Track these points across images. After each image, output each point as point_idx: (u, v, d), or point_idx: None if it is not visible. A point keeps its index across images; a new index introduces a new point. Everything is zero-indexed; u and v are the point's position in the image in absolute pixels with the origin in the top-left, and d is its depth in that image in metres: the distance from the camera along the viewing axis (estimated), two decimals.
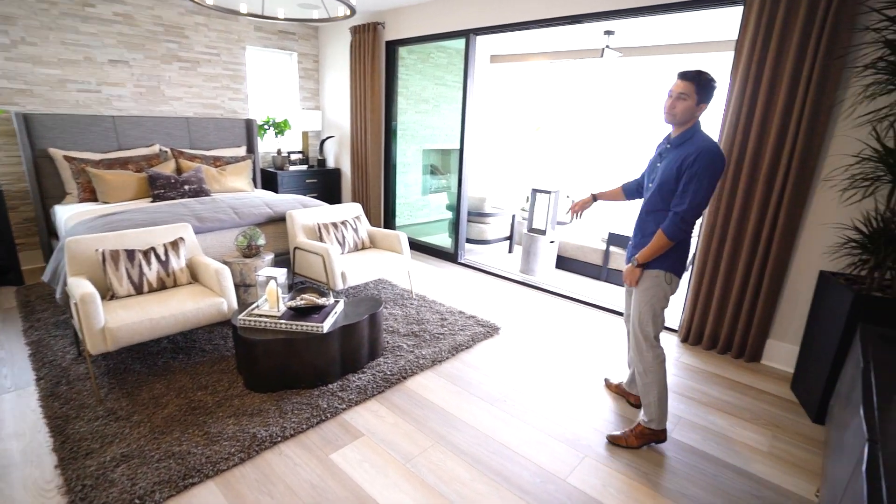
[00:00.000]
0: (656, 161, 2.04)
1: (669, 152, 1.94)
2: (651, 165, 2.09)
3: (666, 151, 1.97)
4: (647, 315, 2.01)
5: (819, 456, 2.10)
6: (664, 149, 2.00)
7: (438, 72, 6.34)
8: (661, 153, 2.00)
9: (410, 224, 6.54)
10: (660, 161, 2.00)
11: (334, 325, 2.47)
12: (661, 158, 2.00)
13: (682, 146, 1.88)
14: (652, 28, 4.55)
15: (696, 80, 1.81)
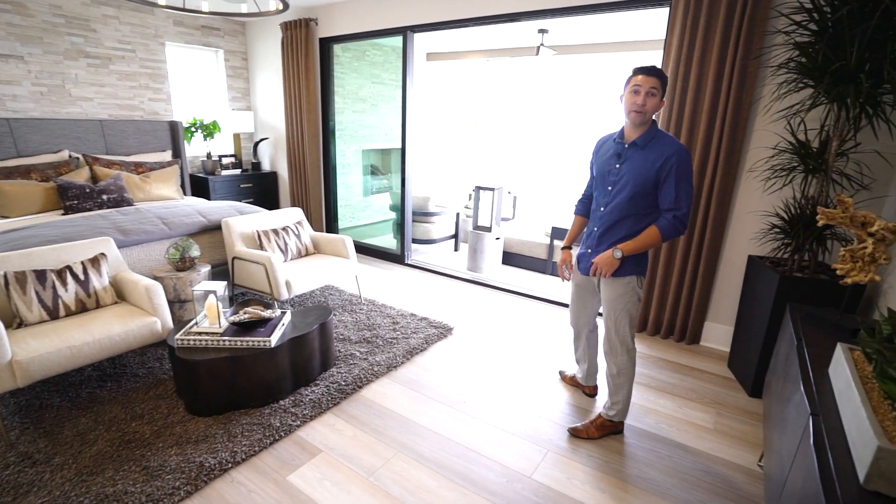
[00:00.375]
0: (613, 163, 1.92)
1: (633, 153, 1.85)
2: (605, 168, 1.95)
3: (627, 152, 1.87)
4: (624, 320, 2.00)
5: (758, 428, 2.26)
6: (621, 149, 1.89)
7: (375, 70, 6.22)
8: (620, 154, 1.90)
9: (353, 226, 6.38)
10: (618, 162, 1.89)
11: (282, 338, 2.34)
12: (619, 160, 1.89)
13: (649, 147, 1.82)
14: (585, 27, 4.71)
15: (661, 76, 1.78)
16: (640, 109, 1.79)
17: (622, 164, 1.89)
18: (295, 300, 3.58)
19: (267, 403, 2.29)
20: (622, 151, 1.90)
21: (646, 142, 1.84)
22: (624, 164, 1.88)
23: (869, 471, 0.95)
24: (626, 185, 1.86)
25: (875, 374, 1.16)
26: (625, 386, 2.08)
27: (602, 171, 1.97)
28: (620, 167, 1.89)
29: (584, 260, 2.09)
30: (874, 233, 1.61)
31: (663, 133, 1.86)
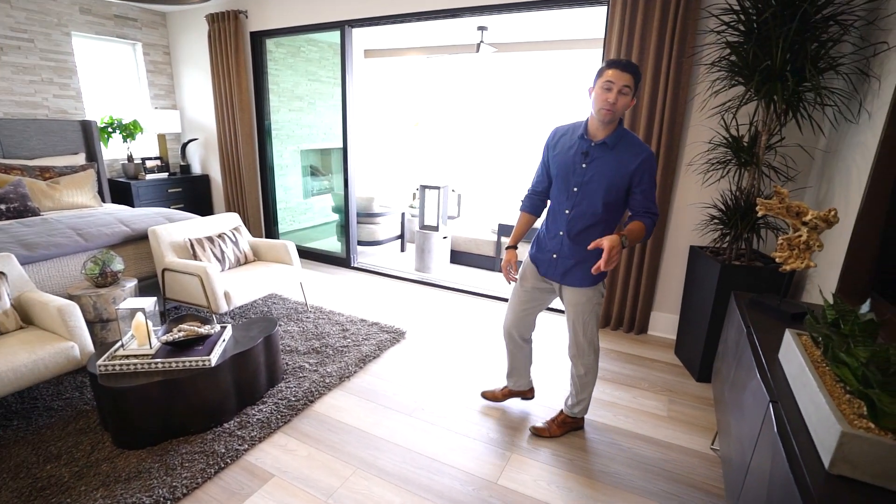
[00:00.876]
0: (578, 161, 1.78)
1: (603, 154, 1.74)
2: (568, 166, 1.81)
3: (594, 152, 1.75)
4: (593, 322, 1.95)
5: (707, 412, 2.35)
6: (588, 148, 1.76)
7: (311, 67, 5.97)
8: (587, 153, 1.76)
9: (294, 230, 6.10)
10: (585, 162, 1.76)
11: (224, 356, 2.14)
12: (586, 159, 1.76)
13: (620, 148, 1.73)
14: (526, 24, 4.75)
15: (636, 72, 1.65)
16: (610, 108, 1.65)
17: (589, 163, 1.76)
18: (235, 312, 3.33)
19: (209, 428, 2.09)
20: (589, 150, 1.76)
21: (615, 142, 1.73)
22: (591, 165, 1.75)
23: (834, 456, 0.97)
24: (598, 189, 1.75)
25: (828, 358, 1.20)
26: (591, 384, 2.07)
27: (564, 168, 1.82)
28: (587, 167, 1.76)
29: (547, 266, 1.94)
30: (808, 221, 1.70)
31: (630, 133, 1.78)
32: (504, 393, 2.36)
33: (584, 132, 1.77)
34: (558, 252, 1.89)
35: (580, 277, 1.88)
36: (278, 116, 5.37)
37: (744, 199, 2.42)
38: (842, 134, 2.22)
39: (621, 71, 1.63)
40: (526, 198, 2.07)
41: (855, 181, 2.02)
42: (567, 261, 1.89)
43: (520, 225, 2.07)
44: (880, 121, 1.87)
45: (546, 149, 1.94)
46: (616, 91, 1.63)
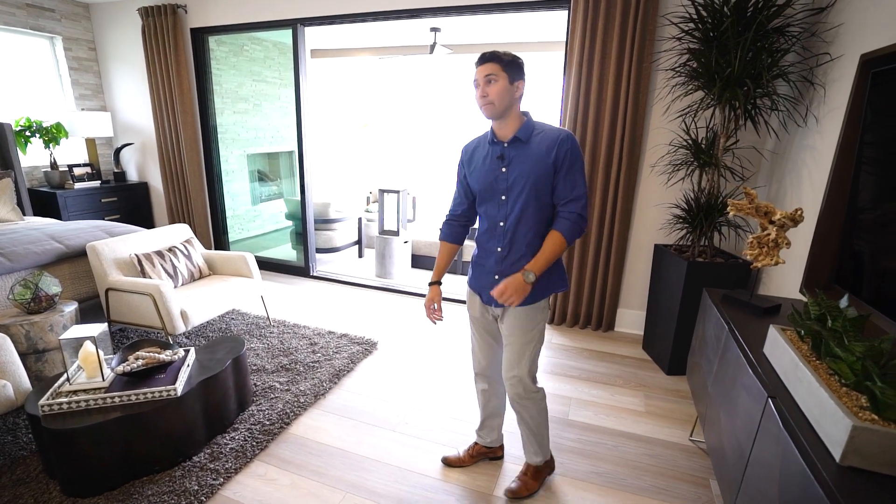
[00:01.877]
0: (497, 167, 1.59)
1: (518, 151, 1.57)
2: (489, 177, 1.61)
3: (509, 151, 1.57)
4: (536, 354, 1.70)
5: (681, 404, 2.45)
6: (502, 150, 1.58)
7: (255, 67, 5.68)
8: (502, 156, 1.58)
9: (244, 238, 5.79)
10: (503, 165, 1.58)
11: (190, 383, 1.96)
12: (503, 162, 1.58)
13: (535, 140, 1.56)
14: (481, 26, 4.77)
15: (497, 58, 1.50)
16: (485, 101, 1.52)
17: (508, 165, 1.57)
18: (191, 332, 3.08)
19: (177, 463, 1.90)
20: (503, 152, 1.58)
21: (528, 135, 1.56)
22: (511, 166, 1.57)
23: (845, 448, 1.02)
24: (525, 186, 1.55)
25: (820, 353, 1.27)
26: (546, 422, 1.81)
27: (486, 181, 1.61)
28: (507, 170, 1.57)
29: (490, 290, 1.64)
30: (776, 221, 1.80)
31: (542, 122, 1.61)
32: (471, 454, 2.01)
33: (493, 137, 1.62)
34: (500, 273, 1.63)
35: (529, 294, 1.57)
36: (222, 119, 5.06)
37: (704, 199, 2.54)
38: (791, 137, 2.39)
39: (479, 64, 1.52)
40: (444, 225, 1.81)
41: (806, 181, 2.18)
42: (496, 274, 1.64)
43: (441, 257, 1.81)
44: (829, 125, 2.02)
45: (461, 168, 1.74)
46: (483, 84, 1.51)
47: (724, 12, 2.26)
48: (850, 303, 1.36)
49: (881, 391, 1.03)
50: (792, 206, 2.26)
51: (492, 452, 2.03)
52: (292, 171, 6.44)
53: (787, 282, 2.21)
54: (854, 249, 1.69)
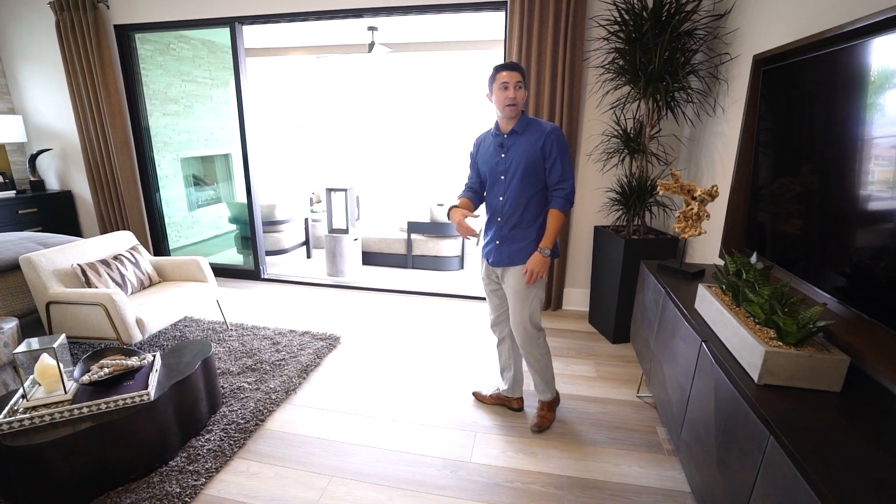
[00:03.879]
0: (498, 154, 1.99)
1: (515, 140, 1.95)
2: (492, 162, 2.01)
3: (508, 142, 1.96)
4: (537, 306, 2.06)
5: (626, 367, 2.74)
6: (502, 140, 1.97)
7: (184, 66, 5.44)
8: (502, 144, 1.97)
9: (183, 245, 5.54)
10: (503, 152, 1.97)
11: (161, 388, 1.93)
12: (503, 150, 1.97)
13: (528, 132, 1.94)
14: (422, 25, 4.89)
15: (522, 69, 1.90)
16: (512, 102, 1.88)
17: (506, 152, 1.96)
18: (145, 342, 2.96)
19: (154, 470, 1.88)
20: (503, 142, 1.98)
21: (523, 128, 1.95)
22: (509, 153, 1.96)
23: (761, 370, 1.27)
24: (518, 168, 1.93)
25: (738, 300, 1.53)
26: (549, 362, 2.18)
27: (490, 165, 2.03)
28: (506, 156, 1.97)
29: (493, 253, 2.06)
30: (697, 197, 2.09)
31: (535, 119, 2.00)
32: (492, 396, 2.36)
33: (496, 130, 2.01)
34: (500, 238, 2.04)
35: (521, 256, 1.99)
36: (152, 121, 4.80)
37: (636, 182, 2.84)
38: (704, 125, 2.73)
39: (511, 71, 1.88)
40: (464, 191, 2.20)
41: (718, 162, 2.52)
42: (509, 245, 2.01)
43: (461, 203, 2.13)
44: (733, 115, 2.36)
45: (472, 156, 2.17)
46: (513, 87, 1.88)
47: (643, 16, 2.55)
48: (758, 259, 1.65)
49: (783, 322, 1.29)
50: (708, 185, 2.60)
51: (508, 402, 2.34)
52: (230, 175, 6.23)
53: (708, 250, 2.54)
54: (758, 218, 2.01)
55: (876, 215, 1.31)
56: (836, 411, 1.17)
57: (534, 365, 2.16)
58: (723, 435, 1.33)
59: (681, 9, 2.49)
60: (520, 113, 1.96)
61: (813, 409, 1.17)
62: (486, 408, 2.36)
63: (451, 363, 2.80)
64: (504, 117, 1.96)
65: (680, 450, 1.68)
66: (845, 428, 1.11)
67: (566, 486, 1.85)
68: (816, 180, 1.56)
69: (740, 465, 1.21)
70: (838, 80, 1.46)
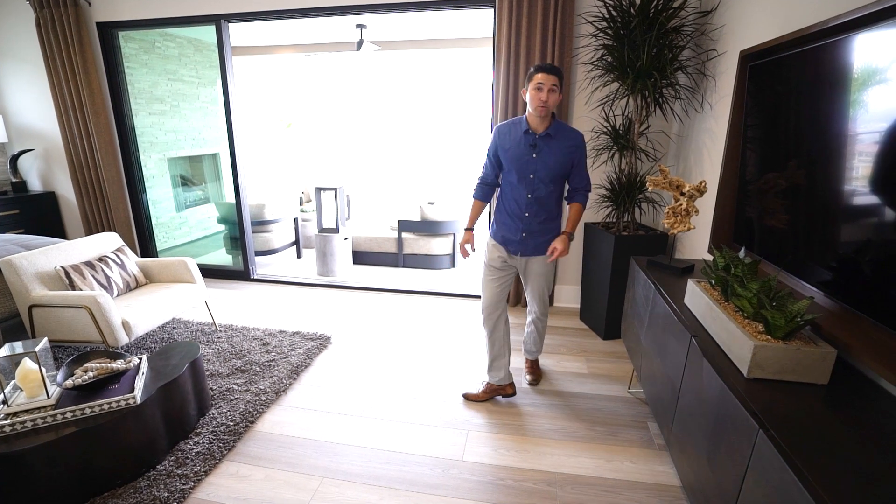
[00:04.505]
0: (529, 153, 2.06)
1: (547, 143, 2.05)
2: (521, 158, 2.07)
3: (540, 143, 2.05)
4: (551, 284, 2.41)
5: (617, 364, 2.75)
6: (534, 140, 2.05)
7: (170, 65, 5.36)
8: (534, 144, 2.05)
9: (172, 247, 5.47)
10: (534, 152, 2.06)
11: (148, 391, 1.90)
12: (535, 150, 2.06)
13: (559, 136, 2.06)
14: (411, 23, 4.87)
15: (560, 73, 1.97)
16: (544, 105, 1.97)
17: (538, 153, 2.07)
18: (132, 345, 2.91)
19: (141, 474, 1.84)
20: (536, 142, 2.06)
21: (556, 132, 2.06)
22: (540, 154, 2.07)
23: (750, 364, 1.27)
24: (550, 172, 2.08)
25: (727, 295, 1.54)
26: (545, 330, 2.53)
27: (518, 161, 2.09)
28: (537, 157, 2.07)
29: (517, 245, 2.19)
30: (685, 192, 2.10)
31: (564, 123, 2.14)
32: (485, 391, 2.38)
33: (527, 127, 2.08)
34: (527, 231, 2.16)
35: (548, 246, 2.19)
36: (138, 121, 4.72)
37: (625, 179, 2.85)
38: (691, 121, 2.75)
39: (548, 73, 1.95)
40: (478, 188, 2.30)
41: (706, 158, 2.54)
42: (536, 237, 2.18)
43: (475, 211, 2.30)
44: (721, 111, 2.37)
45: (494, 146, 2.19)
46: (547, 90, 1.95)
47: (630, 13, 2.55)
48: (746, 254, 1.65)
49: (771, 316, 1.29)
50: (697, 181, 2.61)
51: (502, 390, 2.38)
52: (218, 175, 6.16)
53: (696, 246, 2.56)
54: (746, 213, 2.02)
55: (859, 210, 1.32)
56: (824, 403, 1.18)
57: (540, 331, 2.46)
58: (713, 429, 1.33)
59: (668, 5, 2.50)
60: (550, 115, 2.05)
61: (801, 402, 1.18)
62: (479, 406, 2.35)
63: (443, 362, 2.79)
64: (535, 116, 2.04)
65: (671, 444, 1.68)
66: (833, 420, 1.11)
67: (559, 483, 1.85)
68: (802, 175, 1.57)
69: (730, 458, 1.21)
70: (823, 75, 1.47)
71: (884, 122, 1.22)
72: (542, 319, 2.43)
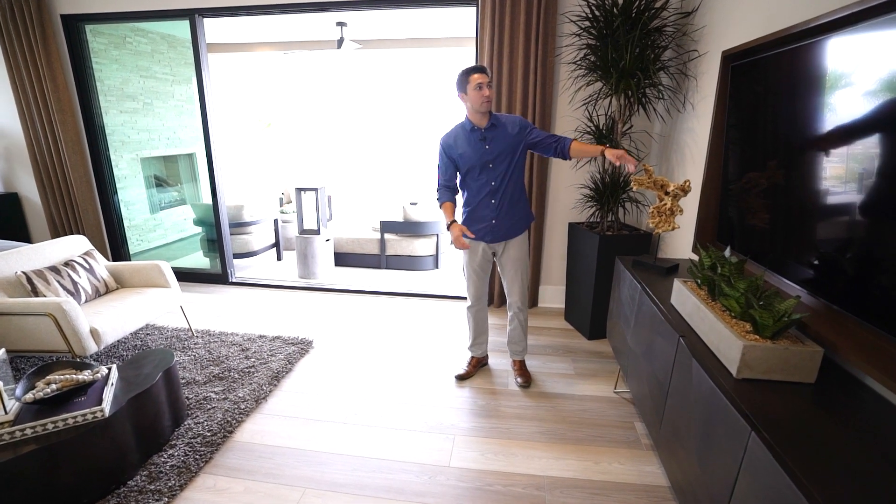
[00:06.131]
0: (482, 147, 2.21)
1: (494, 133, 2.21)
2: (476, 154, 2.21)
3: (488, 134, 2.20)
4: (528, 267, 2.44)
5: (602, 364, 2.74)
6: (481, 135, 2.21)
7: (142, 61, 5.19)
8: (483, 138, 2.21)
9: (146, 250, 5.29)
10: (487, 144, 2.21)
11: (118, 403, 1.81)
12: (486, 142, 2.21)
13: (501, 124, 2.22)
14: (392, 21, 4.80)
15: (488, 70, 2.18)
16: (489, 100, 2.15)
17: (490, 143, 2.20)
18: (102, 353, 2.78)
19: (110, 491, 1.75)
20: (484, 135, 2.21)
21: (497, 122, 2.23)
22: (492, 144, 2.20)
23: (739, 364, 1.26)
24: (505, 156, 2.21)
25: (715, 295, 1.53)
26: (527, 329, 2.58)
27: (474, 157, 2.22)
28: (490, 147, 2.20)
29: (489, 232, 2.29)
30: (670, 192, 2.10)
31: (498, 114, 2.28)
32: (473, 365, 2.64)
33: (470, 126, 2.22)
34: (496, 217, 2.27)
35: (519, 227, 2.33)
36: (108, 119, 4.55)
37: (609, 178, 2.85)
38: (674, 121, 2.76)
39: (483, 73, 2.12)
40: (440, 191, 2.35)
41: (689, 158, 2.55)
42: (505, 220, 2.28)
43: (448, 210, 2.33)
44: (703, 111, 2.38)
45: (447, 153, 2.29)
46: (486, 87, 2.12)
47: (613, 13, 2.55)
48: (731, 253, 1.65)
49: (759, 315, 1.29)
50: (680, 180, 2.62)
51: (484, 361, 2.70)
52: (194, 175, 5.98)
53: (680, 245, 2.56)
54: (729, 212, 2.03)
55: (839, 208, 1.32)
56: (813, 403, 1.17)
57: (522, 324, 2.51)
58: (703, 430, 1.32)
59: (650, 5, 2.50)
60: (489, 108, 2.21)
61: (791, 402, 1.17)
62: (465, 410, 2.31)
63: (427, 365, 2.74)
64: (479, 113, 2.19)
65: (659, 445, 1.67)
66: (823, 420, 1.11)
67: (547, 487, 1.82)
68: (783, 175, 1.58)
69: (721, 460, 1.20)
70: (803, 75, 1.47)
71: (858, 122, 1.22)
72: (523, 310, 2.48)
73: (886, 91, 1.15)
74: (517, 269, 2.38)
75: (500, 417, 2.26)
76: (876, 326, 1.20)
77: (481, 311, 2.55)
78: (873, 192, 1.21)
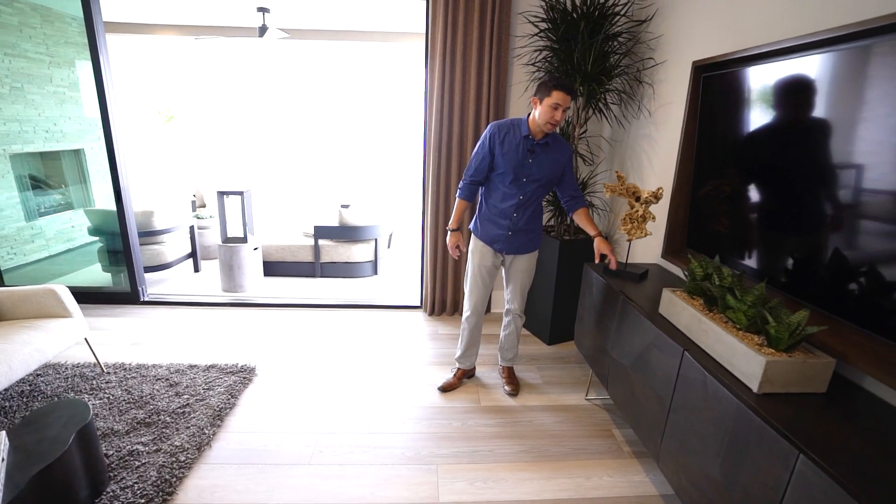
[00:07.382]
0: (525, 158, 2.12)
1: (543, 151, 2.13)
2: (517, 161, 2.11)
3: (537, 149, 2.12)
4: (533, 276, 2.40)
5: (567, 370, 2.72)
6: (532, 146, 2.11)
7: (8, 37, 4.31)
8: (531, 150, 2.11)
9: (23, 265, 4.42)
10: (531, 158, 2.12)
11: (15, 486, 1.40)
12: (532, 155, 2.12)
13: (553, 146, 2.14)
14: (320, 10, 4.44)
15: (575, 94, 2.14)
16: (555, 124, 2.03)
17: (534, 159, 2.13)
18: None
19: None
20: (533, 147, 2.12)
21: (552, 141, 2.15)
22: (536, 160, 2.13)
23: (762, 380, 1.25)
24: (542, 178, 2.15)
25: (720, 307, 1.52)
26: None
27: (514, 163, 2.13)
28: (533, 162, 2.13)
29: (503, 243, 2.25)
30: (642, 199, 2.11)
31: (558, 135, 2.23)
32: (458, 377, 2.55)
33: (527, 131, 2.10)
34: (513, 230, 2.22)
35: (531, 245, 2.31)
36: None
37: None
38: (629, 127, 2.80)
39: (566, 94, 1.96)
40: (466, 187, 2.26)
41: (646, 163, 2.60)
42: (521, 236, 2.24)
43: (459, 212, 2.28)
44: (662, 117, 2.43)
45: (492, 143, 2.16)
46: (562, 111, 1.99)
47: (573, 16, 2.52)
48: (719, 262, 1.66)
49: (774, 329, 1.28)
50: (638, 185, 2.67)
51: (470, 373, 2.61)
52: (83, 176, 5.11)
53: (646, 250, 2.61)
54: (699, 219, 2.07)
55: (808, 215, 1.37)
56: (835, 413, 1.18)
57: (518, 331, 2.48)
58: (728, 447, 1.29)
59: (605, 11, 2.51)
60: None
61: (817, 415, 1.17)
62: (441, 435, 2.14)
63: (388, 384, 2.53)
64: (540, 129, 2.07)
65: (661, 458, 1.64)
66: (850, 431, 1.11)
67: None
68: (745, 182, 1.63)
69: (756, 480, 1.17)
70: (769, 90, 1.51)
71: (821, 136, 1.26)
72: (521, 317, 2.45)
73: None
74: (524, 279, 2.36)
75: (479, 439, 2.13)
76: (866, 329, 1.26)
77: (478, 323, 2.47)
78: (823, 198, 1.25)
